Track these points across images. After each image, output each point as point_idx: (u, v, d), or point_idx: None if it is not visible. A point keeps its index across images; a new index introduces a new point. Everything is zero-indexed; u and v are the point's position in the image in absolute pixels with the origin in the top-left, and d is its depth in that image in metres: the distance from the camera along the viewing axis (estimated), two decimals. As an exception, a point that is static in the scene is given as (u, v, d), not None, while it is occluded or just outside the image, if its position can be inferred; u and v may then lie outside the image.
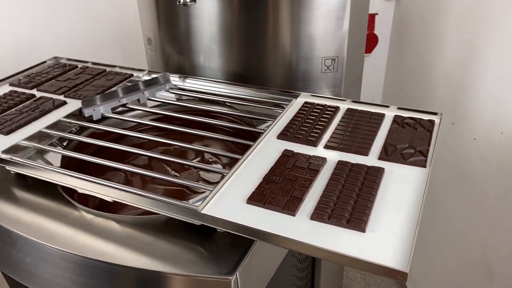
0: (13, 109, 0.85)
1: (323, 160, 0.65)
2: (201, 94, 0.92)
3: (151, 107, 0.91)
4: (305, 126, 0.74)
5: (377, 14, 1.43)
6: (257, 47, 0.92)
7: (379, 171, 0.62)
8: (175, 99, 0.94)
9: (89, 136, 0.82)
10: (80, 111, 0.84)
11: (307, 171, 0.63)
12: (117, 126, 0.85)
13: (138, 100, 0.90)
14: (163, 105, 0.92)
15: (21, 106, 0.86)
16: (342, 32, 0.84)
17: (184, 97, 0.94)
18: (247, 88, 0.90)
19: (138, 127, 0.90)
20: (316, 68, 0.88)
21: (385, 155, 0.66)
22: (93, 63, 1.05)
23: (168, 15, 0.99)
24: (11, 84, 0.96)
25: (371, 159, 0.66)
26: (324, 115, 0.77)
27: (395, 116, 0.77)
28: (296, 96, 0.85)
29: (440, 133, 1.14)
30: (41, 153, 0.75)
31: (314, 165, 0.64)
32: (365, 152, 0.67)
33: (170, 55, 1.03)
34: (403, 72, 1.44)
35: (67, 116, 0.82)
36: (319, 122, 0.75)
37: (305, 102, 0.82)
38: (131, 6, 1.10)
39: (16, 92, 0.92)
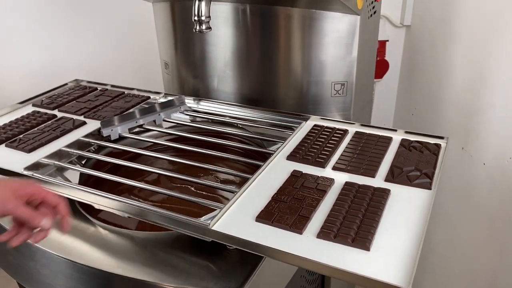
0: (36, 128, 0.89)
1: (330, 181, 0.67)
2: (215, 116, 0.95)
3: (166, 128, 0.95)
4: (314, 148, 0.76)
5: (387, 40, 1.46)
6: (269, 72, 0.95)
7: (385, 192, 0.64)
8: (190, 121, 0.97)
9: (107, 155, 0.86)
10: (98, 131, 0.88)
11: (315, 191, 0.65)
12: (134, 145, 0.88)
13: (154, 121, 0.94)
14: (178, 126, 0.95)
15: (43, 125, 0.90)
16: (351, 58, 0.87)
17: (198, 119, 0.97)
18: (259, 111, 0.93)
19: (154, 147, 0.93)
20: (326, 92, 0.91)
21: (391, 177, 0.68)
22: (112, 86, 1.10)
23: (185, 41, 1.03)
24: (34, 105, 1.01)
25: (377, 181, 0.68)
26: (333, 138, 0.80)
27: (402, 139, 0.79)
28: (306, 119, 0.88)
29: (450, 158, 1.15)
30: (60, 170, 0.79)
31: (322, 186, 0.66)
32: (372, 174, 0.69)
33: (185, 79, 1.07)
34: (413, 98, 1.46)
35: (86, 136, 0.86)
36: (327, 144, 0.77)
37: (315, 125, 0.85)
38: (150, 33, 1.15)
39: (38, 112, 0.96)
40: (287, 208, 0.61)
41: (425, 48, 1.35)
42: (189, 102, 1.00)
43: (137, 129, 0.92)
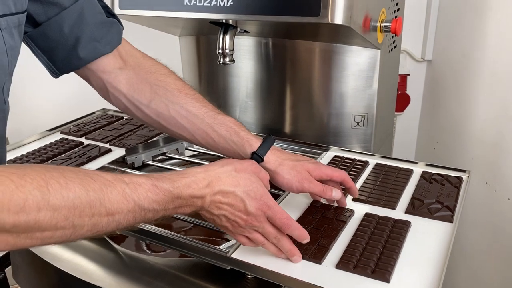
0: (63, 155, 0.92)
1: (350, 212, 0.67)
2: (236, 146, 0.97)
3: (188, 156, 0.97)
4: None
5: (409, 75, 1.47)
6: (290, 103, 0.97)
7: (405, 224, 0.63)
8: (211, 150, 0.99)
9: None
10: (123, 158, 0.90)
11: (335, 222, 0.65)
12: (157, 173, 0.90)
13: (177, 149, 0.96)
14: (199, 155, 0.97)
15: (70, 152, 0.93)
16: (372, 91, 0.88)
17: (219, 149, 0.99)
18: (280, 141, 0.94)
19: (175, 175, 0.95)
20: (346, 124, 0.92)
21: (412, 209, 0.68)
22: (138, 115, 1.13)
23: (209, 73, 1.07)
24: (62, 132, 1.05)
25: (398, 213, 0.68)
26: (353, 169, 0.80)
27: (423, 172, 0.78)
28: (326, 150, 0.88)
29: (474, 192, 1.13)
30: (85, 195, 0.81)
31: (342, 216, 0.66)
32: (392, 205, 0.69)
33: (208, 109, 1.10)
34: (436, 131, 1.45)
35: (111, 163, 0.88)
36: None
37: (335, 156, 0.85)
38: (175, 64, 1.19)
39: (66, 139, 1.00)
40: (306, 238, 0.61)
41: (447, 82, 1.36)
42: (211, 131, 1.02)
43: (160, 157, 0.94)
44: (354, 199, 0.71)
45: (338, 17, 0.67)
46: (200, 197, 0.51)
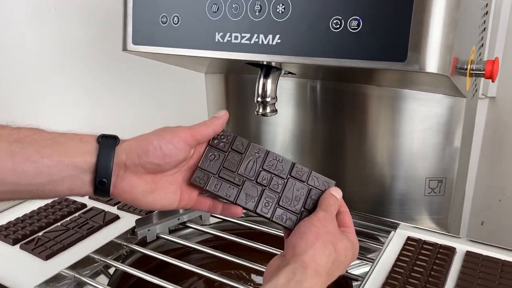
0: (59, 223, 0.74)
1: None
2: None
3: (212, 224, 0.78)
4: (415, 278, 0.56)
5: (468, 114, 1.27)
6: (340, 161, 0.78)
7: None
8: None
9: (140, 261, 0.69)
10: (133, 230, 0.72)
11: None
12: (174, 250, 0.71)
13: (200, 217, 0.77)
14: (223, 221, 0.78)
15: (68, 219, 0.75)
16: (453, 149, 0.68)
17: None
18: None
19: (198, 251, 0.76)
20: (417, 190, 0.72)
21: None
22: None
23: (238, 116, 0.88)
24: (63, 188, 0.87)
25: None
26: (437, 260, 0.59)
27: (538, 269, 0.57)
28: (394, 227, 0.68)
29: None
30: (81, 285, 0.62)
31: None
32: (507, 328, 0.48)
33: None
34: (500, 180, 1.24)
35: (118, 237, 0.70)
36: (432, 272, 0.57)
37: (409, 238, 0.65)
38: (200, 104, 1.02)
39: (67, 200, 0.82)
40: None
41: (516, 124, 1.15)
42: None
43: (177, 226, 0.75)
44: (448, 313, 0.51)
45: (432, 64, 0.47)
46: None
